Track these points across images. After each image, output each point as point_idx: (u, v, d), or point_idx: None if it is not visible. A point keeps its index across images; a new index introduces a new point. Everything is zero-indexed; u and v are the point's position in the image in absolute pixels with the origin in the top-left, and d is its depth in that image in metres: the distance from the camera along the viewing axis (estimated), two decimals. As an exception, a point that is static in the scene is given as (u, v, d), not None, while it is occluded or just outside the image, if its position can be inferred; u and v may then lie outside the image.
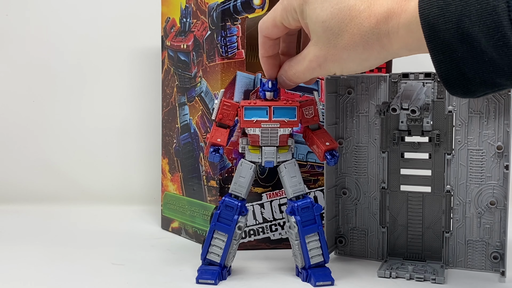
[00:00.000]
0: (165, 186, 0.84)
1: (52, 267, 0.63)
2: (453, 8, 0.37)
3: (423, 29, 0.39)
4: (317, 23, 0.47)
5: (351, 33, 0.45)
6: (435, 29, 0.38)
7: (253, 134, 0.57)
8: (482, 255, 0.62)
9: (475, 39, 0.37)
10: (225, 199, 0.58)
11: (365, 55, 0.46)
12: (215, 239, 0.58)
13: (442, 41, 0.39)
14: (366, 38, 0.45)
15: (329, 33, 0.47)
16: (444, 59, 0.39)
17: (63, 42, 1.03)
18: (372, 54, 0.46)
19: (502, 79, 0.38)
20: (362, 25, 0.44)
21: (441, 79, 0.40)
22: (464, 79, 0.39)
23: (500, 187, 0.60)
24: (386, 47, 0.44)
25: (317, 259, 0.58)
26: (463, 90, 0.40)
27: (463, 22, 0.37)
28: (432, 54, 0.40)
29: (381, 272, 0.60)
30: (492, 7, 0.35)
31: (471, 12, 0.36)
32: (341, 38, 0.46)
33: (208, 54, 0.72)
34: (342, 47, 0.46)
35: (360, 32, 0.45)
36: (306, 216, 0.57)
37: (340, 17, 0.45)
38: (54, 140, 1.03)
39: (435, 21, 0.38)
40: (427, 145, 0.63)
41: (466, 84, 0.40)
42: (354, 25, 0.45)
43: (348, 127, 0.66)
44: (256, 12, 0.69)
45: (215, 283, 0.56)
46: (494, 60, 0.37)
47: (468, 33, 0.37)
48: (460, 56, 0.38)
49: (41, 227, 0.84)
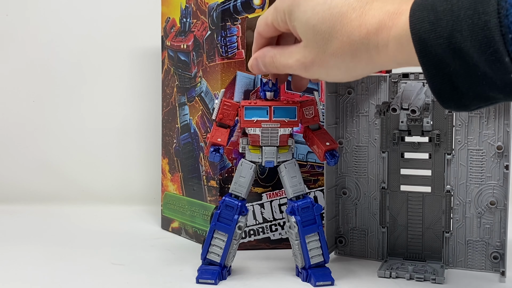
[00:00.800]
0: (165, 186, 0.84)
1: (52, 267, 0.63)
2: (444, 23, 0.37)
3: (414, 44, 0.39)
4: (307, 26, 0.47)
5: (341, 40, 0.45)
6: (427, 44, 0.38)
7: (253, 134, 0.57)
8: (482, 255, 0.62)
9: (467, 54, 0.36)
10: (225, 199, 0.58)
11: (352, 64, 0.46)
12: (215, 239, 0.58)
13: (433, 56, 0.38)
14: (355, 47, 0.44)
15: (319, 37, 0.46)
16: (437, 73, 0.39)
17: (63, 42, 1.03)
18: (360, 64, 0.45)
19: (495, 93, 0.38)
20: (353, 34, 0.44)
21: (434, 94, 0.40)
22: (457, 93, 0.39)
23: (500, 187, 0.60)
24: (375, 59, 0.44)
25: (317, 259, 0.58)
26: (457, 104, 0.40)
27: (455, 37, 0.37)
28: (424, 69, 0.39)
29: (381, 272, 0.60)
30: (484, 22, 0.35)
31: (462, 27, 0.36)
32: (330, 44, 0.46)
33: (208, 54, 0.72)
34: (331, 53, 0.46)
35: (350, 41, 0.44)
36: (306, 216, 0.57)
37: (331, 22, 0.45)
38: (54, 140, 1.03)
39: (426, 36, 0.38)
40: (427, 145, 0.63)
41: (460, 98, 0.40)
42: (344, 32, 0.44)
43: (348, 127, 0.66)
44: (256, 12, 0.69)
45: (215, 283, 0.56)
46: (486, 74, 0.37)
47: (460, 48, 0.37)
48: (453, 71, 0.38)
49: (41, 227, 0.84)
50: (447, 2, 0.37)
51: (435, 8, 0.38)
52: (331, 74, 0.48)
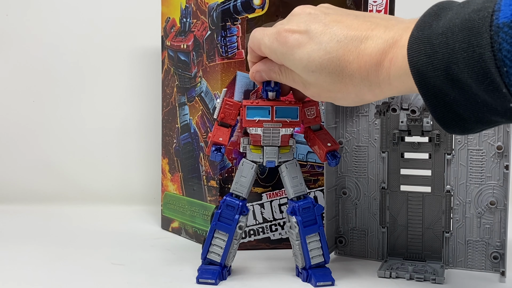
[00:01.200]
0: (165, 186, 0.84)
1: (52, 267, 0.63)
2: (440, 56, 0.37)
3: (413, 76, 0.39)
4: (306, 72, 0.47)
5: (344, 83, 0.46)
6: (425, 76, 0.39)
7: (255, 134, 0.57)
8: (482, 255, 0.62)
9: (466, 84, 0.37)
10: (226, 199, 0.58)
11: (358, 99, 0.47)
12: (215, 238, 0.58)
13: (433, 86, 0.39)
14: (358, 87, 0.45)
15: (321, 81, 0.47)
16: (438, 103, 0.39)
17: (63, 42, 1.03)
18: (364, 98, 0.47)
19: (497, 117, 0.38)
20: (354, 76, 0.45)
21: (438, 122, 0.41)
22: (460, 119, 0.40)
23: (500, 187, 0.60)
24: (378, 93, 0.45)
25: (317, 259, 0.58)
26: (461, 129, 0.40)
27: (452, 69, 0.37)
28: (425, 99, 0.40)
29: (381, 272, 0.60)
30: (479, 55, 0.35)
31: (458, 60, 0.36)
32: (334, 86, 0.47)
33: (208, 54, 0.72)
34: (336, 91, 0.47)
35: (353, 83, 0.45)
36: (307, 216, 0.57)
37: (331, 68, 0.46)
38: (54, 140, 1.03)
39: (424, 69, 0.38)
40: (427, 145, 0.63)
41: (463, 124, 0.40)
42: (345, 75, 0.45)
43: (348, 127, 0.66)
44: (256, 12, 0.69)
45: (215, 283, 0.56)
46: (487, 101, 0.37)
47: (457, 78, 0.37)
48: (453, 99, 0.39)
49: (41, 227, 0.84)
50: (442, 35, 0.38)
51: (431, 41, 0.38)
52: (338, 102, 0.50)
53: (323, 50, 0.46)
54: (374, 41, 0.43)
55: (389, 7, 0.72)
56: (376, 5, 0.72)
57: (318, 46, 0.46)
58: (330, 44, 0.45)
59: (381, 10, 0.72)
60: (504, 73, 0.34)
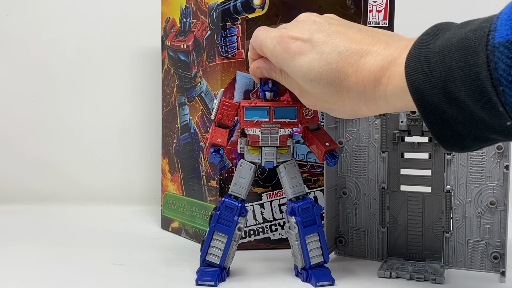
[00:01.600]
0: (165, 186, 0.84)
1: (52, 267, 0.63)
2: (437, 74, 0.38)
3: (411, 94, 0.40)
4: (305, 80, 0.48)
5: (341, 95, 0.46)
6: (423, 93, 0.39)
7: (253, 135, 0.57)
8: (482, 255, 0.62)
9: (463, 102, 0.37)
10: (225, 200, 0.58)
11: (353, 112, 0.48)
12: (214, 240, 0.58)
13: (430, 104, 0.39)
14: (355, 102, 0.46)
15: (318, 91, 0.47)
16: (436, 120, 0.40)
17: (63, 42, 1.03)
18: (360, 113, 0.47)
19: (494, 135, 0.38)
20: (351, 90, 0.45)
21: (436, 139, 0.41)
22: (458, 136, 0.40)
23: (500, 187, 0.60)
24: (374, 110, 0.46)
25: (317, 259, 0.58)
26: (459, 146, 0.41)
27: (449, 87, 0.37)
28: (423, 116, 0.40)
29: (381, 272, 0.60)
30: (475, 73, 0.35)
31: (455, 78, 0.37)
32: (331, 97, 0.47)
33: (208, 54, 0.72)
34: (332, 103, 0.48)
35: (349, 96, 0.46)
36: (306, 216, 0.57)
37: (329, 79, 0.46)
38: (54, 140, 1.03)
39: (421, 86, 0.39)
40: (427, 145, 0.63)
41: (461, 141, 0.40)
42: (343, 88, 0.45)
43: (348, 127, 0.66)
44: (256, 12, 0.69)
45: (215, 284, 0.56)
46: (484, 119, 0.37)
47: (455, 96, 0.37)
48: (451, 117, 0.39)
49: (41, 227, 0.84)
50: (439, 53, 0.38)
51: (428, 60, 0.38)
52: (333, 114, 0.51)
53: (324, 60, 0.46)
54: (373, 57, 0.44)
55: (389, 7, 0.72)
56: (376, 5, 0.72)
57: (319, 56, 0.46)
58: (331, 55, 0.46)
59: (381, 10, 0.72)
60: (500, 92, 0.34)
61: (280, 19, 0.70)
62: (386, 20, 0.72)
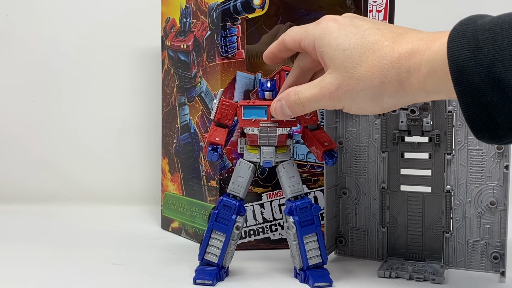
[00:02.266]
0: (165, 186, 0.84)
1: (52, 267, 0.63)
2: (485, 51, 0.36)
3: (451, 71, 0.38)
4: (338, 50, 0.46)
5: (371, 64, 0.44)
6: (464, 71, 0.37)
7: (251, 134, 0.57)
8: (482, 255, 0.61)
9: (507, 85, 0.35)
10: (223, 199, 0.58)
11: (380, 90, 0.45)
12: (212, 239, 0.58)
13: (471, 84, 0.37)
14: (385, 71, 0.44)
15: (349, 61, 0.46)
16: (473, 102, 0.38)
17: (63, 42, 1.03)
18: (388, 90, 0.44)
19: None
20: (384, 57, 0.44)
21: (468, 123, 0.39)
22: (492, 123, 0.38)
23: (500, 187, 0.60)
24: (404, 84, 0.43)
25: (315, 260, 0.58)
26: (491, 135, 0.39)
27: (496, 67, 0.36)
28: (460, 97, 0.38)
29: (381, 272, 0.60)
30: None
31: (504, 57, 0.35)
32: (359, 68, 0.45)
33: (208, 54, 0.72)
34: (359, 77, 0.45)
35: (380, 64, 0.44)
36: (304, 216, 0.57)
37: (363, 48, 0.45)
38: (54, 140, 1.03)
39: (464, 64, 0.37)
40: (427, 145, 0.63)
41: (495, 129, 0.38)
42: (375, 57, 0.44)
43: (348, 127, 0.66)
44: (256, 12, 0.69)
45: (212, 283, 0.56)
46: None
47: (500, 78, 0.36)
48: (490, 100, 0.37)
49: (41, 227, 0.84)
50: (490, 31, 0.36)
51: (476, 36, 0.37)
52: (356, 101, 0.47)
53: (361, 34, 0.46)
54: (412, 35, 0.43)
55: (389, 7, 0.72)
56: (376, 5, 0.72)
57: (357, 30, 0.46)
58: (369, 31, 0.46)
59: (381, 10, 0.72)
60: None
61: (280, 19, 0.70)
62: (386, 20, 0.72)
